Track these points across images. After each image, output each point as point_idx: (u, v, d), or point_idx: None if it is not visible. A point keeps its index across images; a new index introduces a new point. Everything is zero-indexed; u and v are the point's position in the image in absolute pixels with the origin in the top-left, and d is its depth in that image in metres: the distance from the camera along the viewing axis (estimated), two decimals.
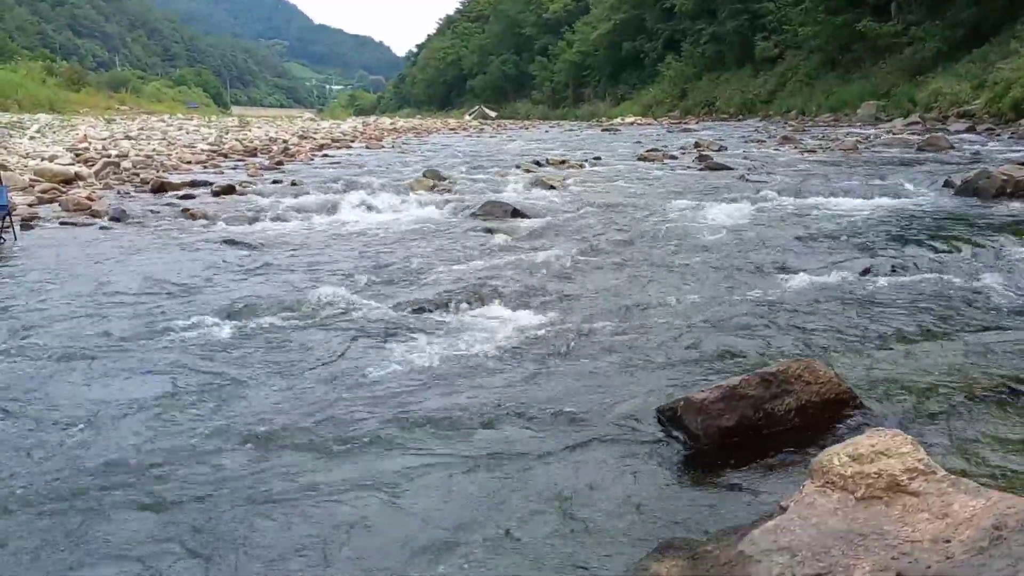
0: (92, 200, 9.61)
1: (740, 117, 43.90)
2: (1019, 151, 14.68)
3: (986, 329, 4.16)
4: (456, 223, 8.42)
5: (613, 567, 2.20)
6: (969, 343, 3.93)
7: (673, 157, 16.93)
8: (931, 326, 4.23)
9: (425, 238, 7.55)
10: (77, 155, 15.94)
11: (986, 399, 3.21)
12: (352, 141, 27.62)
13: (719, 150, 18.32)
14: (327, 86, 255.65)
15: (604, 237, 7.20)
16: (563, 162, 15.96)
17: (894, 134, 21.66)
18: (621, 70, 66.51)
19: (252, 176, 13.82)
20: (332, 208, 9.23)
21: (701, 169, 13.94)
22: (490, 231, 7.66)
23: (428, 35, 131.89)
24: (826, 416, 3.03)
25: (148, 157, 16.21)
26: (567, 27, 74.79)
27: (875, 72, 35.23)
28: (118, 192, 11.21)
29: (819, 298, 4.86)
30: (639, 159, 16.79)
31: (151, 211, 9.28)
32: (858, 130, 25.28)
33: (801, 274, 5.48)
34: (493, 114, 75.26)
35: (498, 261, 6.28)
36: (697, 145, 19.99)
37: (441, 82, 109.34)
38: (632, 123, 45.10)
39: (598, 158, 17.30)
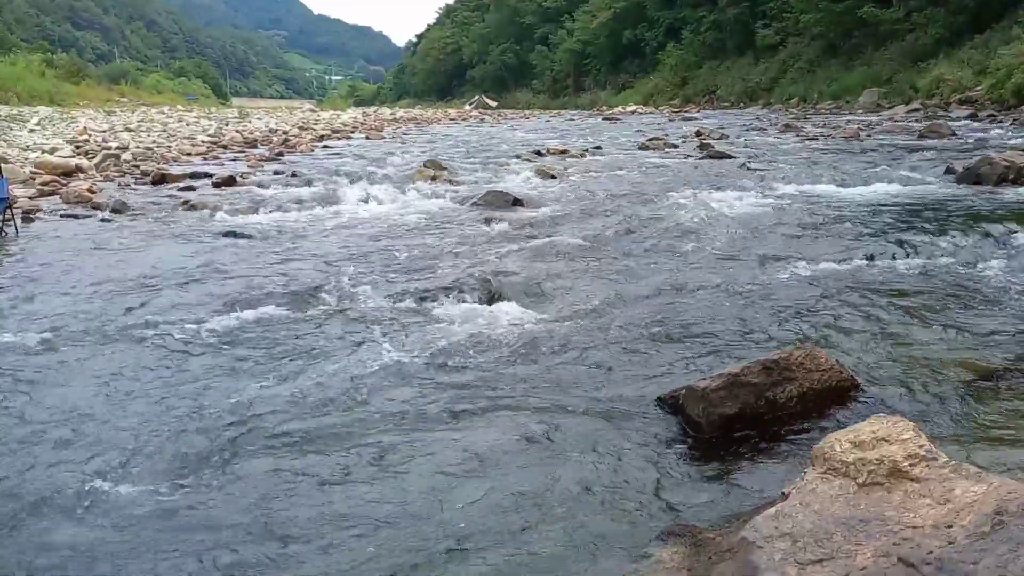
0: (93, 192, 9.61)
1: (741, 105, 43.78)
2: (1021, 137, 14.63)
3: (988, 315, 4.16)
4: (457, 213, 8.41)
5: (617, 554, 2.21)
6: (971, 329, 3.93)
7: (674, 146, 16.89)
8: (933, 312, 4.23)
9: (426, 228, 7.54)
10: (77, 147, 15.93)
11: (988, 384, 3.21)
12: (352, 132, 27.57)
13: (720, 138, 18.28)
14: (327, 77, 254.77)
15: (605, 226, 7.19)
16: (564, 151, 15.93)
17: (896, 121, 21.62)
18: (622, 59, 66.29)
19: (252, 167, 13.80)
20: (333, 199, 9.21)
21: (702, 158, 13.91)
22: (491, 221, 7.65)
23: (428, 25, 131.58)
24: (828, 403, 3.03)
25: (148, 149, 16.20)
26: (567, 16, 74.49)
27: (877, 59, 35.11)
28: (118, 184, 11.20)
29: (820, 285, 4.86)
30: (640, 148, 16.75)
31: (152, 203, 9.28)
32: (860, 117, 25.22)
33: (802, 261, 5.48)
34: (493, 104, 75.01)
35: (499, 251, 6.28)
36: (698, 134, 19.95)
37: (441, 72, 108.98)
38: (633, 112, 44.97)
39: (599, 147, 17.27)
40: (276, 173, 12.55)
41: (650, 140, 17.93)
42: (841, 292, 4.69)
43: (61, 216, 8.45)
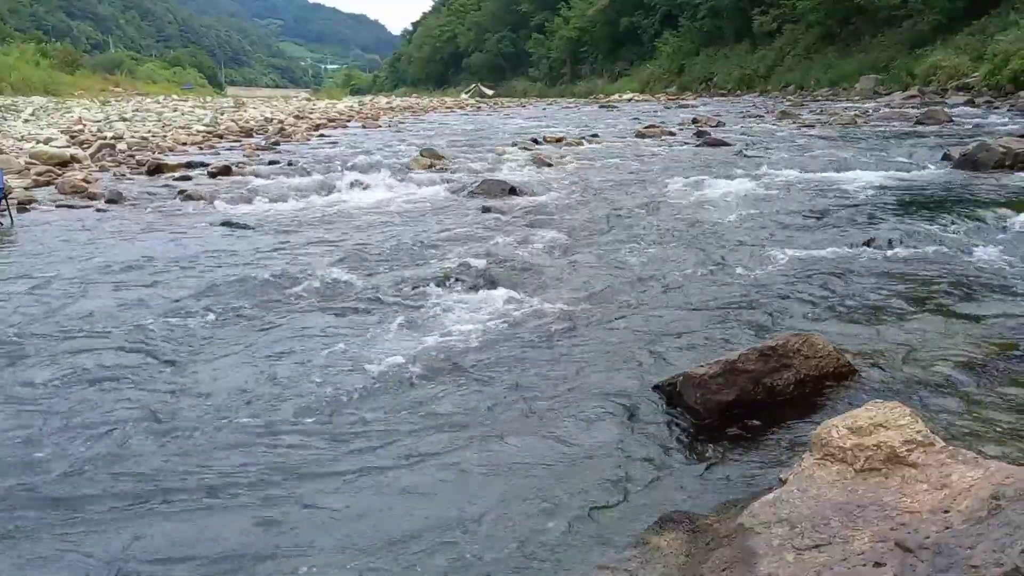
0: (88, 182, 9.56)
1: (738, 93, 43.67)
2: (1018, 123, 14.62)
3: (985, 300, 4.16)
4: (454, 202, 8.40)
5: (614, 541, 2.21)
6: (968, 314, 3.93)
7: (671, 133, 16.85)
8: (930, 298, 4.23)
9: (423, 217, 7.53)
10: (72, 137, 15.85)
11: (985, 370, 3.21)
12: (348, 121, 27.45)
13: (717, 126, 18.26)
14: (322, 65, 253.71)
15: (602, 214, 7.18)
16: (560, 140, 15.89)
17: (893, 108, 21.59)
18: (619, 46, 66.06)
19: (248, 157, 13.74)
20: (329, 188, 9.18)
21: (699, 145, 13.88)
22: (488, 209, 7.64)
23: (423, 13, 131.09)
24: (825, 389, 3.04)
25: (144, 139, 16.11)
26: (564, 3, 74.13)
27: (874, 45, 35.06)
28: (114, 174, 11.15)
29: (818, 272, 4.86)
30: (637, 136, 16.72)
31: (147, 193, 9.24)
32: (857, 104, 25.17)
33: (800, 248, 5.48)
34: (490, 92, 74.69)
35: (496, 239, 6.27)
36: (695, 121, 19.92)
37: (437, 60, 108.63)
38: (630, 100, 44.85)
39: (596, 135, 17.22)
40: (272, 162, 12.50)
41: (647, 128, 17.88)
42: (838, 278, 4.69)
43: (57, 206, 8.41)
